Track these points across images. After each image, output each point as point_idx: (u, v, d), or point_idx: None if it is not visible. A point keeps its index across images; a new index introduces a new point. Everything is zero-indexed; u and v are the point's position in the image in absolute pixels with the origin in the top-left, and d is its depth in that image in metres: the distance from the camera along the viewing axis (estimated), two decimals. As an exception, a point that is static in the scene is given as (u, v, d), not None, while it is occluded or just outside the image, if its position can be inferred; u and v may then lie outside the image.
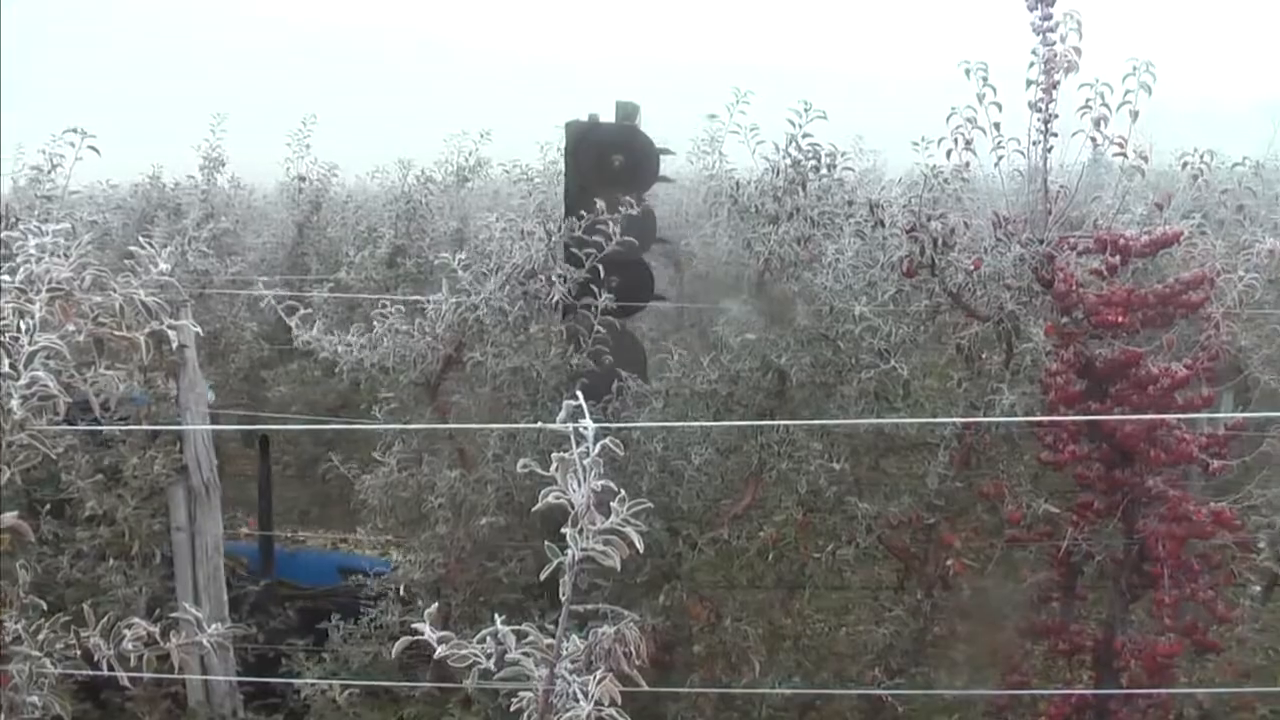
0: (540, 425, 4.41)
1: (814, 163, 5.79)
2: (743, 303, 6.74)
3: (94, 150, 7.04)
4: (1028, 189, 5.19)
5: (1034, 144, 5.05)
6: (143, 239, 3.51)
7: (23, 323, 2.71)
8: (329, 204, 11.79)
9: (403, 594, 5.46)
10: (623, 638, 2.45)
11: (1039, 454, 5.35)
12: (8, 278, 2.77)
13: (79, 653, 2.87)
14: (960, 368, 5.59)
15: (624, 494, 2.38)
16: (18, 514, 2.82)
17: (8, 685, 2.77)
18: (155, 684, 5.26)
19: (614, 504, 2.36)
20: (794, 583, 5.71)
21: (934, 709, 6.24)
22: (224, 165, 11.44)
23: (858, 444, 5.69)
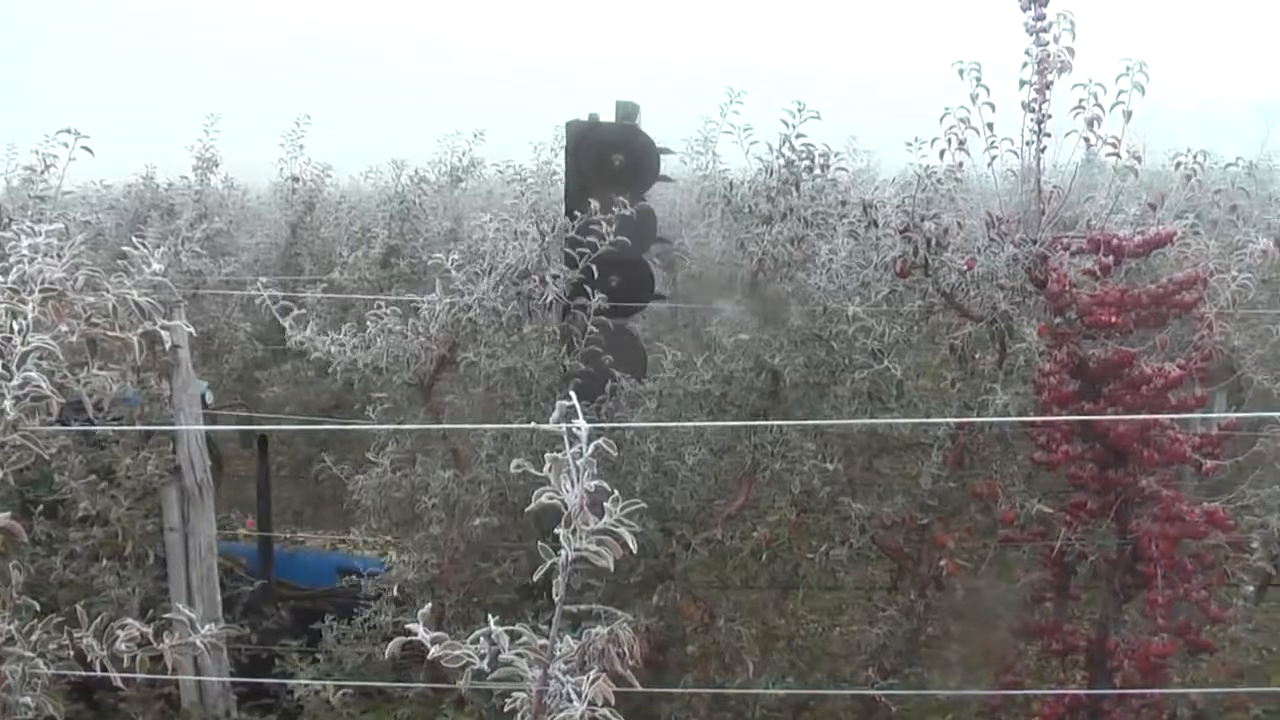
0: (534, 425, 4.41)
1: (808, 163, 5.81)
2: (736, 303, 6.76)
3: (87, 150, 7.01)
4: (1021, 189, 5.18)
5: (1027, 144, 5.04)
6: (136, 239, 3.51)
7: (15, 323, 2.71)
8: (323, 204, 11.78)
9: (397, 594, 5.46)
10: (616, 638, 2.45)
11: (1032, 454, 5.35)
12: (0, 278, 2.77)
13: (72, 653, 2.87)
14: (954, 368, 5.61)
15: (617, 494, 2.38)
16: (11, 515, 2.82)
17: (1, 686, 2.76)
18: (148, 685, 5.25)
19: (607, 504, 2.36)
20: (787, 583, 5.73)
21: (927, 709, 6.25)
22: (218, 165, 11.48)
23: (851, 444, 5.70)
